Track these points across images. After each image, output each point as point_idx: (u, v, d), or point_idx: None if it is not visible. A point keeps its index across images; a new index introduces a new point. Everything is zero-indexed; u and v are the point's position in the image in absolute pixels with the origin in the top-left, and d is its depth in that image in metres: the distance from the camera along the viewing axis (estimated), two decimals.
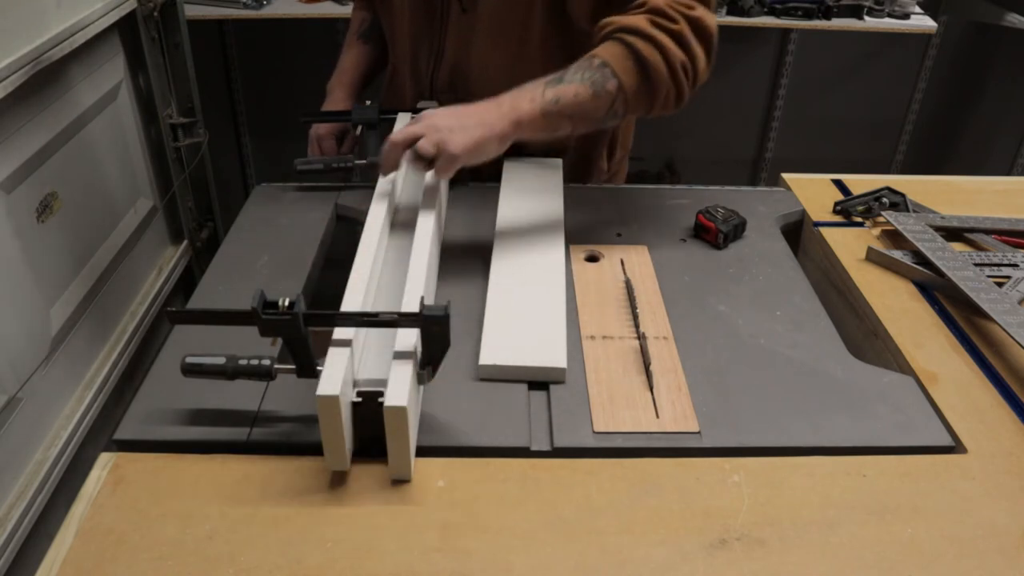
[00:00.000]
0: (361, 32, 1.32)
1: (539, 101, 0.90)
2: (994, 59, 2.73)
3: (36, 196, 1.31)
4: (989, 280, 0.94)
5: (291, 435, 0.76)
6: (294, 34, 2.46)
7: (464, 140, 0.88)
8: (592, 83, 0.91)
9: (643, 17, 0.92)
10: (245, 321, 0.69)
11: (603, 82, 0.91)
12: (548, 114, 0.90)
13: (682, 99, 0.95)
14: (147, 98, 1.70)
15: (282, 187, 1.20)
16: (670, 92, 0.94)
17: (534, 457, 0.75)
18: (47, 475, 1.29)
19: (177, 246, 1.88)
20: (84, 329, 1.46)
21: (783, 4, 2.28)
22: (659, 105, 0.95)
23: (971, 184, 1.25)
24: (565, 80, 0.91)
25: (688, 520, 0.68)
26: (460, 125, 0.89)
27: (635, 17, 0.93)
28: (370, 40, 1.32)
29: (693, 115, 2.77)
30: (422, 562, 0.64)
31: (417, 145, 0.88)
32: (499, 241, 1.02)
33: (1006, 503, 0.71)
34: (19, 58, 1.21)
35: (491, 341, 0.85)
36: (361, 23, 1.33)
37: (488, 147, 0.90)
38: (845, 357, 0.88)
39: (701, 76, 0.96)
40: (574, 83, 0.91)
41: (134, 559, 0.64)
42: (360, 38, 1.32)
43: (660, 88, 0.93)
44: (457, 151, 0.88)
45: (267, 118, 2.71)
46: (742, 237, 1.09)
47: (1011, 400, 0.82)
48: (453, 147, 0.87)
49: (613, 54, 0.92)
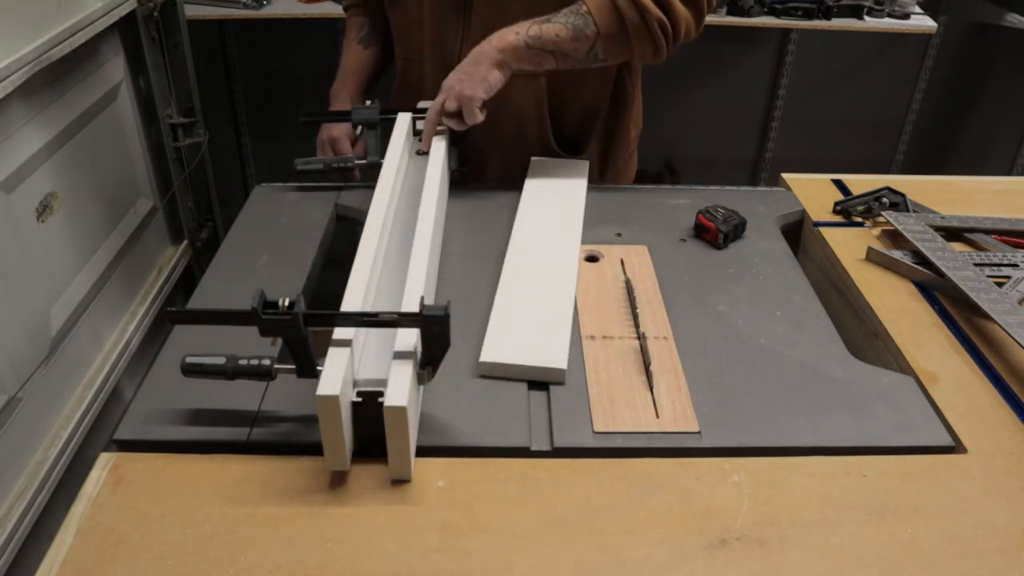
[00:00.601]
0: (360, 38, 1.32)
1: (523, 35, 1.04)
2: (994, 59, 2.73)
3: (36, 196, 1.31)
4: (989, 280, 0.94)
5: (291, 435, 0.76)
6: (294, 34, 2.46)
7: (471, 82, 1.04)
8: (573, 27, 1.03)
9: None
10: (245, 321, 0.69)
11: (583, 27, 1.03)
12: (531, 47, 1.04)
13: (660, 53, 1.06)
14: (147, 98, 1.70)
15: (282, 187, 1.20)
16: (646, 44, 1.05)
17: (534, 457, 0.75)
18: (47, 475, 1.29)
19: (177, 246, 1.88)
20: (84, 329, 1.46)
21: (783, 4, 2.28)
22: (637, 55, 1.07)
23: (971, 184, 1.25)
24: (551, 21, 1.04)
25: (688, 520, 0.68)
26: (464, 74, 1.05)
27: None
28: (371, 45, 1.32)
29: (693, 115, 2.79)
30: (422, 562, 0.64)
31: (444, 106, 1.07)
32: (515, 238, 1.02)
33: (1006, 503, 0.71)
34: (19, 58, 1.21)
35: (494, 338, 0.85)
36: (360, 29, 1.33)
37: (491, 76, 1.04)
38: (845, 357, 0.88)
39: (683, 35, 1.07)
40: (557, 24, 1.04)
41: (134, 559, 0.64)
42: (360, 43, 1.32)
43: (636, 40, 1.04)
44: (471, 92, 1.04)
45: (267, 118, 2.70)
46: (742, 237, 1.09)
47: (1011, 400, 0.82)
48: (468, 91, 1.04)
49: (596, 5, 1.03)
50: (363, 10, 1.34)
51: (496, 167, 1.26)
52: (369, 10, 1.33)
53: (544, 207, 1.10)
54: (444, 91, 1.07)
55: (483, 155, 1.25)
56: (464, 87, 1.04)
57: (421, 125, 1.14)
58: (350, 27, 1.35)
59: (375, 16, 1.32)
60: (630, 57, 1.08)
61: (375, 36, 1.32)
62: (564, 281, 0.95)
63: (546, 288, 0.93)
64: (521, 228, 1.05)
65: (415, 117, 1.16)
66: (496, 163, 1.26)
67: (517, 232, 1.04)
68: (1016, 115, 2.74)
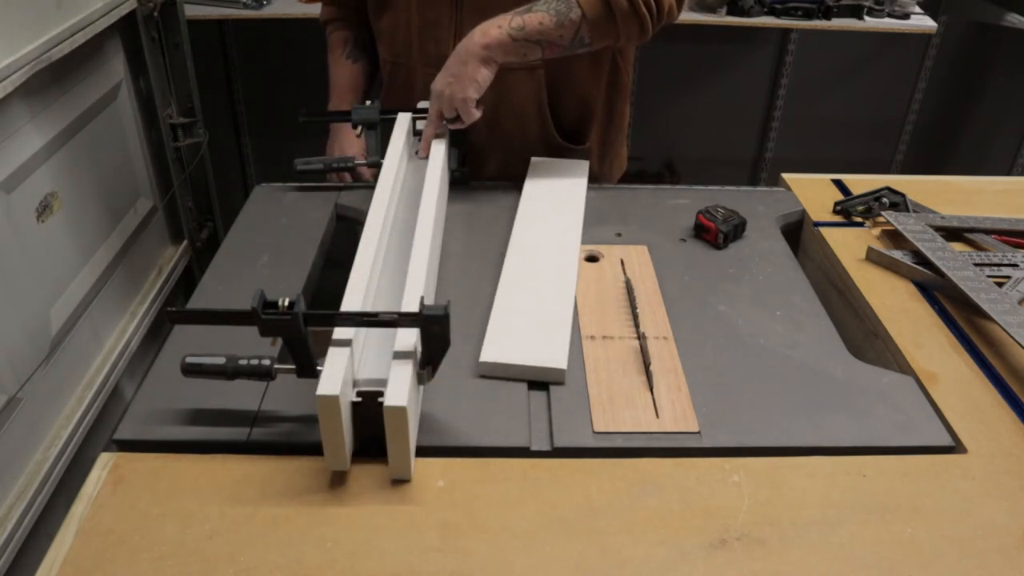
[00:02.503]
0: (347, 53, 1.33)
1: (505, 28, 1.02)
2: (994, 59, 2.73)
3: (36, 196, 1.31)
4: (989, 280, 0.94)
5: (291, 435, 0.76)
6: (294, 34, 2.45)
7: (460, 84, 1.03)
8: (557, 12, 1.01)
9: None
10: (245, 321, 0.69)
11: (567, 12, 1.01)
12: (516, 39, 1.02)
13: (646, 32, 1.05)
14: (147, 98, 1.70)
15: (282, 187, 1.20)
16: (632, 24, 1.03)
17: (534, 457, 0.75)
18: (47, 475, 1.29)
19: (177, 246, 1.88)
20: (84, 329, 1.46)
21: (783, 4, 2.28)
22: (624, 36, 1.04)
23: (971, 184, 1.25)
24: (533, 9, 1.02)
25: (688, 520, 0.68)
26: (452, 76, 1.04)
27: None
28: (359, 59, 1.33)
29: (693, 115, 2.79)
30: (422, 562, 0.64)
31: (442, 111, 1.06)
32: (515, 239, 1.02)
33: (1006, 503, 0.71)
34: (19, 58, 1.21)
35: (494, 338, 0.85)
36: (344, 45, 1.33)
37: (479, 75, 1.03)
38: (845, 357, 0.88)
39: (668, 13, 1.06)
40: (540, 12, 1.02)
41: (134, 559, 0.64)
42: (348, 59, 1.33)
43: (622, 21, 1.02)
44: (462, 95, 1.03)
45: (267, 118, 2.70)
46: (742, 237, 1.09)
47: (1011, 400, 0.82)
48: (459, 94, 1.03)
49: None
50: (343, 24, 1.34)
51: (498, 164, 1.26)
52: (349, 24, 1.33)
53: (544, 207, 1.10)
54: (435, 97, 1.07)
55: (484, 153, 1.25)
56: (455, 90, 1.03)
57: (422, 125, 1.14)
58: (334, 44, 1.34)
59: (357, 29, 1.32)
60: (616, 39, 1.05)
61: (360, 50, 1.33)
62: (564, 281, 0.95)
63: (546, 288, 0.93)
64: (521, 228, 1.05)
65: (415, 117, 1.16)
66: (498, 160, 1.26)
67: (517, 232, 1.04)
68: (1016, 115, 2.74)
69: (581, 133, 1.28)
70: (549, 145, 1.25)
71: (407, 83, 1.25)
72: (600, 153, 1.32)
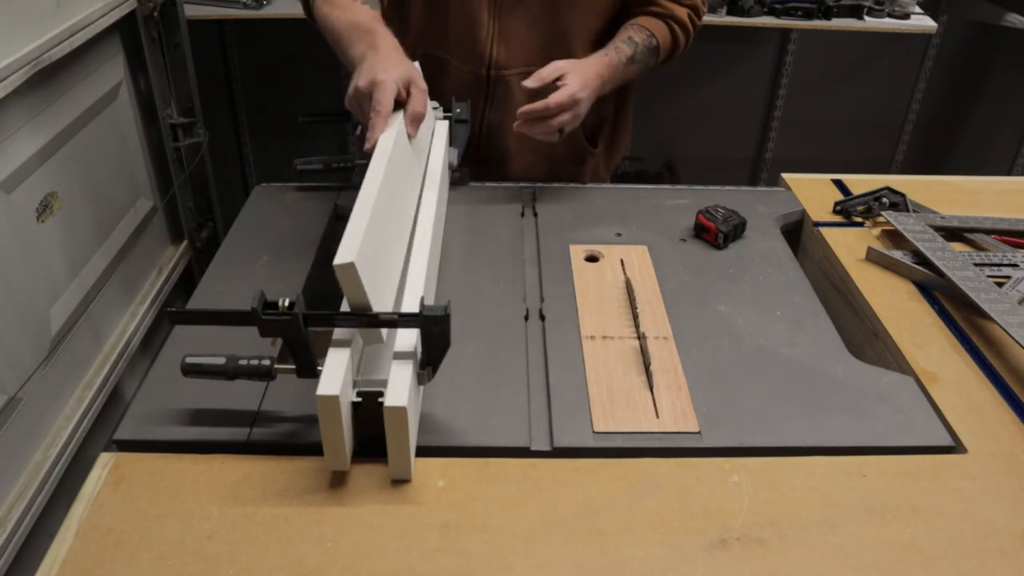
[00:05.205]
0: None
1: (615, 63, 1.16)
2: (994, 59, 2.73)
3: (36, 196, 1.31)
4: (989, 280, 0.94)
5: (291, 435, 0.76)
6: (294, 34, 2.45)
7: (584, 106, 1.10)
8: (645, 66, 1.21)
9: (685, 11, 1.21)
10: (245, 321, 0.69)
11: (649, 56, 1.19)
12: (616, 71, 1.16)
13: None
14: (147, 98, 1.70)
15: (282, 187, 1.20)
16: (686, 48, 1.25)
17: (534, 457, 0.75)
18: (47, 475, 1.29)
19: (177, 246, 1.88)
20: (84, 329, 1.46)
21: (783, 4, 2.28)
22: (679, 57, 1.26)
23: (971, 184, 1.25)
24: (636, 57, 1.18)
25: (688, 520, 0.68)
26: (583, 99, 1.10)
27: (680, 9, 1.20)
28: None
29: (693, 115, 2.79)
30: (422, 562, 0.64)
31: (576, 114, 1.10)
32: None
33: (1006, 503, 0.71)
34: (19, 58, 1.21)
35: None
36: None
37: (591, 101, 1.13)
38: (845, 357, 0.88)
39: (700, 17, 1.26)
40: (635, 65, 1.19)
41: (134, 559, 0.64)
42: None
43: (676, 55, 1.24)
44: (583, 110, 1.10)
45: (267, 118, 2.70)
46: (742, 237, 1.09)
47: (1011, 400, 0.82)
48: (582, 110, 1.10)
49: (663, 36, 1.19)
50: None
51: (524, 165, 1.28)
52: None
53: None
54: (574, 103, 1.07)
55: (510, 152, 1.26)
56: (581, 111, 1.09)
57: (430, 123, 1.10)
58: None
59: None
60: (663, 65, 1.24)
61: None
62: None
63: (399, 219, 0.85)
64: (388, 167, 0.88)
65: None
66: (524, 162, 1.27)
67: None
68: (1016, 115, 2.74)
69: (596, 136, 1.30)
70: (576, 149, 1.27)
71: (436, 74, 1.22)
72: (607, 151, 1.35)
